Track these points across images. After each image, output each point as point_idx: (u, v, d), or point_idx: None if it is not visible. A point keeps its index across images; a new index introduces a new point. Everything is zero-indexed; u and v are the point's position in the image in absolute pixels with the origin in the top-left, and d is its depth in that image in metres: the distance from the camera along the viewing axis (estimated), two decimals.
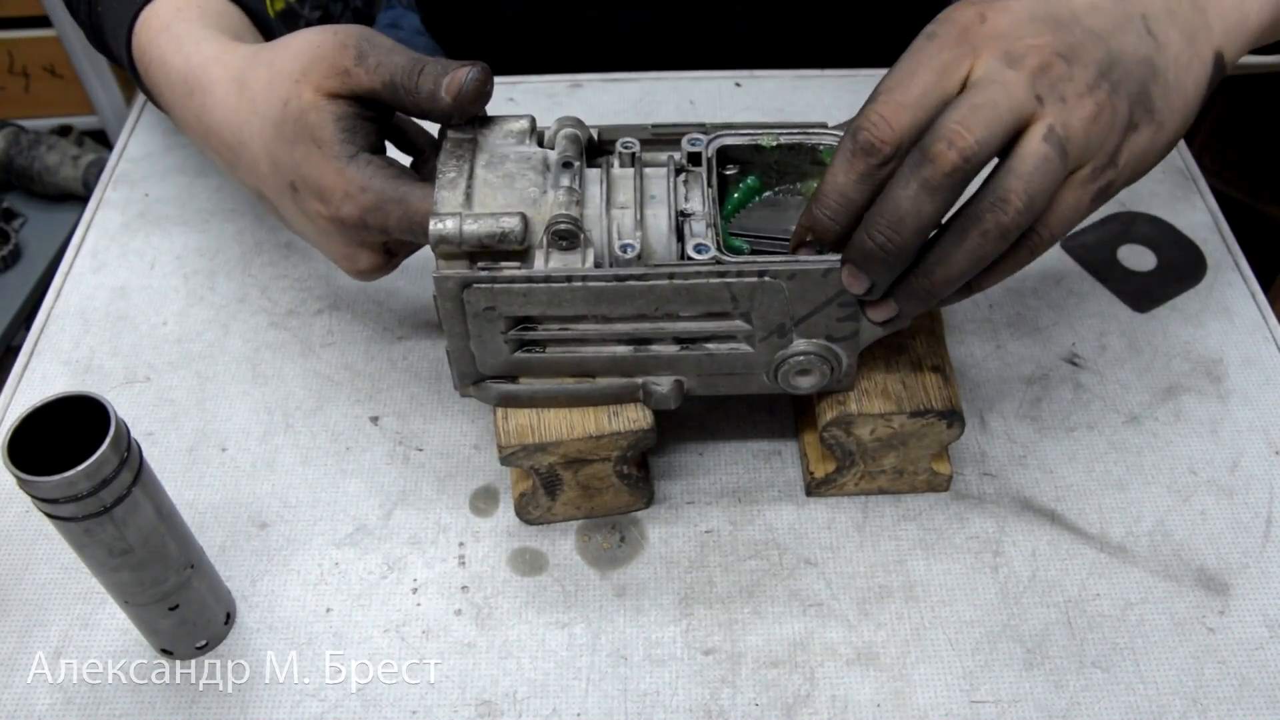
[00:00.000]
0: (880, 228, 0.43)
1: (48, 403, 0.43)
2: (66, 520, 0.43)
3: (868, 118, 0.44)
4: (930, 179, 0.42)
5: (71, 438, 0.43)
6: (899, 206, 0.43)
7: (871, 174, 0.44)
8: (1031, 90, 0.43)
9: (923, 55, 0.44)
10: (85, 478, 0.42)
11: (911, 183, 0.43)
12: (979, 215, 0.43)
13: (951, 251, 0.44)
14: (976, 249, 0.44)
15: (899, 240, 0.43)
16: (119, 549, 0.45)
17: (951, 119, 0.42)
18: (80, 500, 0.42)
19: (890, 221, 0.43)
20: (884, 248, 0.44)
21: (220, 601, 0.53)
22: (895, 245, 0.44)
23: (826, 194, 0.45)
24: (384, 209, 0.50)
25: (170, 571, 0.48)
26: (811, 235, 0.47)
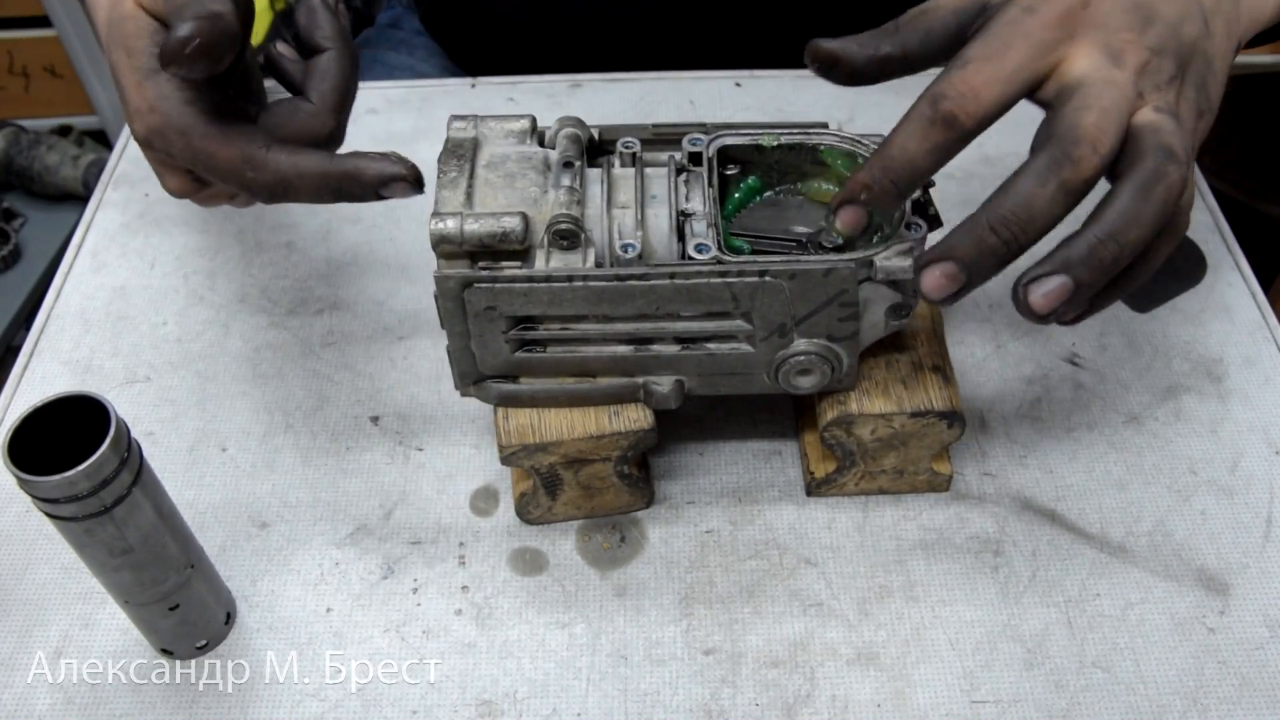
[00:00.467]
0: (1009, 224, 0.41)
1: (48, 403, 0.43)
2: (67, 520, 0.43)
3: (954, 85, 0.42)
4: (1071, 182, 0.41)
5: (72, 438, 0.43)
6: (1033, 205, 0.40)
7: (948, 147, 0.42)
8: (1135, 89, 0.42)
9: (1021, 28, 0.42)
10: (85, 478, 0.42)
11: (1050, 182, 0.40)
12: (1160, 171, 0.41)
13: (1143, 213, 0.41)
14: (1162, 206, 0.41)
15: (1025, 239, 0.41)
16: (119, 549, 0.45)
17: (1088, 121, 0.41)
18: (80, 500, 0.42)
19: (1022, 220, 0.41)
20: (1008, 244, 0.41)
21: (220, 601, 0.53)
22: (1020, 244, 0.41)
23: (893, 158, 0.43)
24: (166, 135, 0.47)
25: (170, 571, 0.48)
26: (866, 196, 0.44)
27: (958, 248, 0.42)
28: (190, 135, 0.47)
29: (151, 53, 0.48)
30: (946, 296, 0.42)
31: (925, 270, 0.42)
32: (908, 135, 0.43)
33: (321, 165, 0.47)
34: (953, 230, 0.42)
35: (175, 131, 0.47)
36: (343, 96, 0.51)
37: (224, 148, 0.47)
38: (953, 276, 0.42)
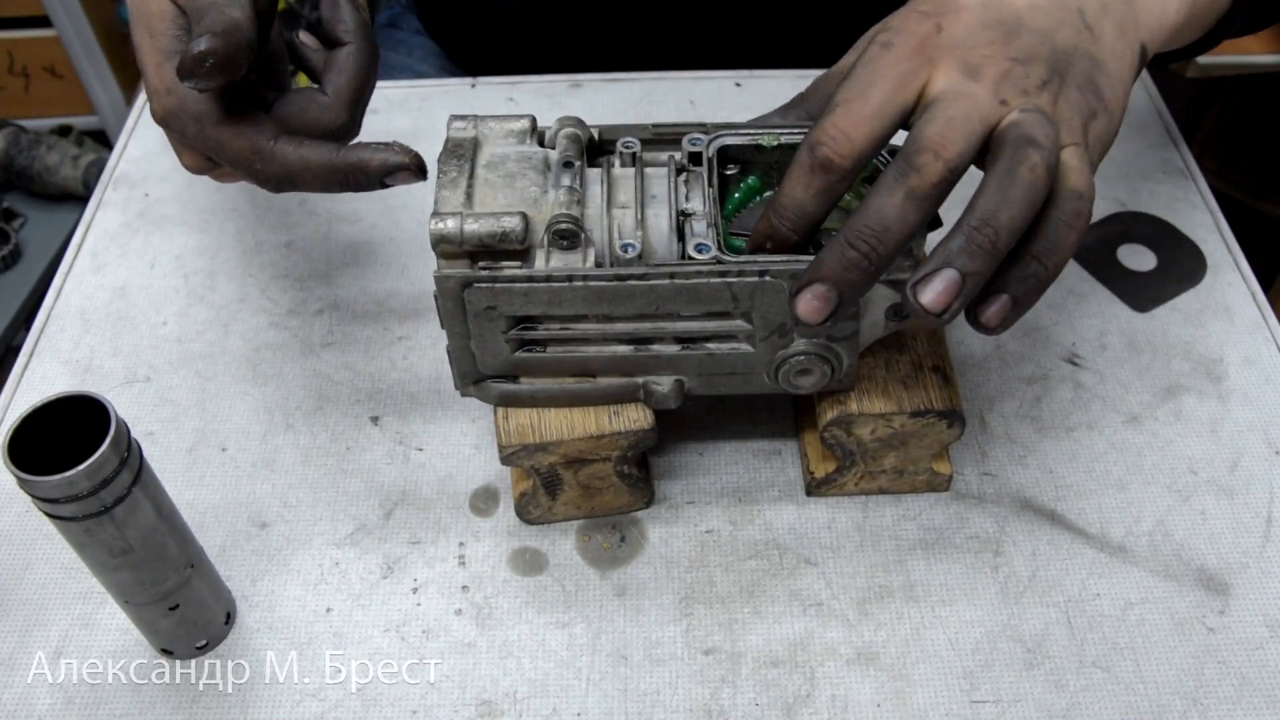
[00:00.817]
0: (865, 237, 0.42)
1: (48, 403, 0.43)
2: (67, 520, 0.43)
3: (825, 131, 0.44)
4: (917, 189, 0.42)
5: (72, 438, 0.43)
6: (885, 215, 0.42)
7: (830, 189, 0.44)
8: (996, 98, 0.44)
9: (879, 66, 0.44)
10: (85, 477, 0.42)
11: (897, 192, 0.42)
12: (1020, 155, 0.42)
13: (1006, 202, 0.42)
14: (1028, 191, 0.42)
15: (884, 249, 0.42)
16: (119, 549, 0.45)
17: (930, 130, 0.42)
18: (80, 500, 0.42)
19: (876, 231, 0.42)
20: (868, 256, 0.42)
21: (220, 601, 0.53)
22: (880, 254, 0.42)
23: (785, 207, 0.45)
24: (181, 118, 0.48)
25: (170, 571, 0.48)
26: (770, 244, 0.47)
27: (823, 267, 0.43)
28: (204, 122, 0.48)
29: (174, 35, 0.49)
30: (823, 319, 0.44)
31: (798, 297, 0.44)
32: (794, 183, 0.45)
33: (327, 157, 0.48)
34: (818, 254, 0.44)
35: (190, 116, 0.48)
36: (358, 91, 0.52)
37: (234, 138, 0.48)
38: (824, 297, 0.43)
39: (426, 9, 0.95)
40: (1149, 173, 0.74)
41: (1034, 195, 0.42)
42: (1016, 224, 0.42)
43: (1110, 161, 0.74)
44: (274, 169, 0.48)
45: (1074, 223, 0.43)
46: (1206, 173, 0.75)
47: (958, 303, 0.42)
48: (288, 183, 0.49)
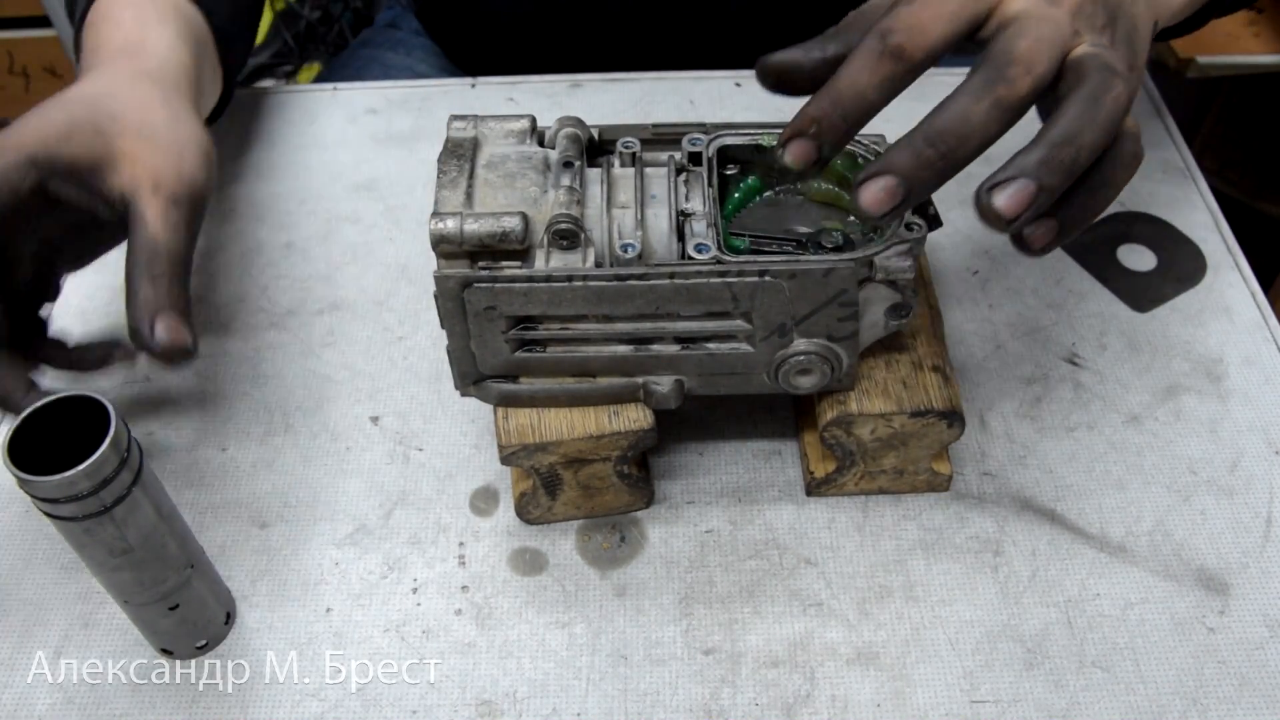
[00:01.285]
0: (946, 138, 0.42)
1: (48, 403, 0.43)
2: (66, 520, 0.43)
3: (900, 20, 0.43)
4: (1005, 99, 0.42)
5: (72, 438, 0.43)
6: (969, 121, 0.42)
7: (896, 80, 0.43)
8: (1072, 27, 0.44)
9: None
10: (85, 478, 0.42)
11: (985, 99, 0.42)
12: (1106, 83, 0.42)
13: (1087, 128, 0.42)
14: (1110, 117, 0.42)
15: (961, 154, 0.42)
16: (119, 549, 0.45)
17: (1022, 45, 0.42)
18: (80, 500, 0.42)
19: (959, 135, 0.42)
20: (945, 158, 0.42)
21: (220, 601, 0.53)
22: (956, 159, 0.42)
23: (843, 91, 0.43)
24: None
25: (170, 571, 0.48)
26: (815, 130, 0.44)
27: (897, 163, 0.42)
28: None
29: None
30: (886, 212, 0.43)
31: (864, 186, 0.42)
32: (858, 69, 0.43)
33: None
34: (888, 148, 0.43)
35: None
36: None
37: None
38: (892, 191, 0.42)
39: (426, 9, 0.95)
40: (1149, 173, 0.74)
41: (1113, 124, 0.42)
42: (1095, 148, 0.42)
43: None
44: None
45: (1130, 164, 0.44)
46: (1206, 173, 0.75)
47: (1029, 213, 0.42)
48: None
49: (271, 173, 0.75)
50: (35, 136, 0.50)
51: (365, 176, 0.75)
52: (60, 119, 0.50)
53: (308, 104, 0.80)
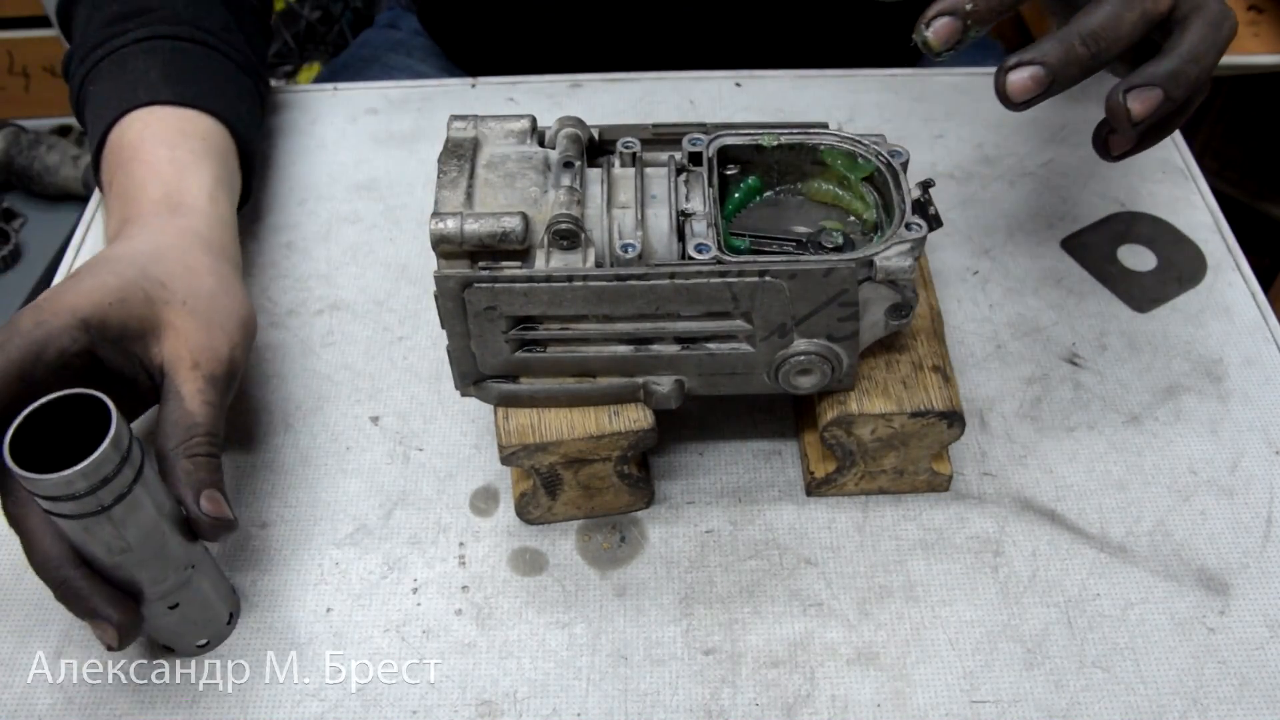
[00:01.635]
0: (1098, 38, 0.47)
1: (50, 401, 0.43)
2: (66, 518, 0.44)
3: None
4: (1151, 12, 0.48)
5: (75, 435, 0.43)
6: (1119, 26, 0.47)
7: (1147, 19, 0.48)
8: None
9: None
10: (83, 478, 0.42)
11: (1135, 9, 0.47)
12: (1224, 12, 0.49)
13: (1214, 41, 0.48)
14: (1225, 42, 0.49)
15: (1105, 56, 0.47)
16: (117, 548, 0.45)
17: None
18: (78, 499, 0.42)
19: (1109, 38, 0.47)
20: (1095, 56, 0.47)
21: (224, 600, 0.53)
22: (1101, 58, 0.47)
23: (1099, 29, 0.47)
24: None
25: (170, 571, 0.48)
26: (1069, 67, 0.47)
27: (1049, 55, 0.47)
28: None
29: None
30: (1026, 100, 0.47)
31: (1012, 71, 0.47)
32: (1114, 6, 0.47)
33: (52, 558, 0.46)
34: (1039, 42, 0.47)
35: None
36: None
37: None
38: (1038, 79, 0.47)
39: (426, 9, 0.95)
40: (1149, 173, 0.74)
41: (1223, 50, 0.49)
42: (1211, 69, 0.48)
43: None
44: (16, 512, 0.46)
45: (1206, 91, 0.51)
46: (1206, 173, 0.75)
47: (1152, 118, 0.48)
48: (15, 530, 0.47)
49: (271, 172, 0.75)
50: (88, 300, 0.49)
51: (365, 176, 0.75)
52: (113, 284, 0.50)
53: (308, 104, 0.80)
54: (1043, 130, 0.76)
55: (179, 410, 0.50)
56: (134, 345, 0.51)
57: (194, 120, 0.62)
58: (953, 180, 0.73)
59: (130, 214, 0.57)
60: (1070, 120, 0.77)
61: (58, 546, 0.46)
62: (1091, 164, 0.74)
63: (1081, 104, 0.76)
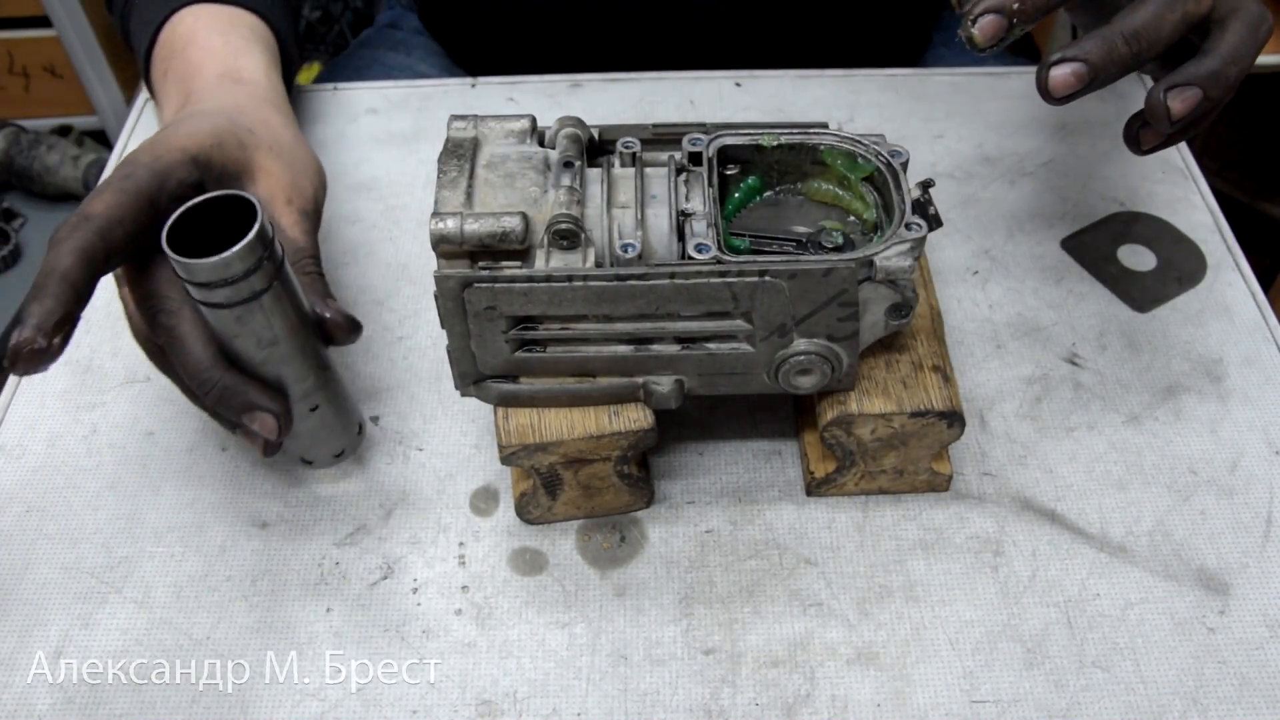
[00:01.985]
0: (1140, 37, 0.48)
1: (198, 202, 0.46)
2: (220, 307, 0.46)
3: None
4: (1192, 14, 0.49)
5: (216, 241, 0.45)
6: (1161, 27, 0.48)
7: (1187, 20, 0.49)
8: None
9: None
10: (239, 259, 0.45)
11: (1176, 11, 0.48)
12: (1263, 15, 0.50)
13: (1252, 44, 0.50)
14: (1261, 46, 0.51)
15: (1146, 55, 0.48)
16: (267, 339, 0.48)
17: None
18: (233, 284, 0.45)
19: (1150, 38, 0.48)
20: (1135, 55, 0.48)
21: (353, 409, 0.55)
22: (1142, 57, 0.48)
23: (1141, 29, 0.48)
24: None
25: (310, 369, 0.50)
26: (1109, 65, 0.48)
27: (1092, 53, 0.47)
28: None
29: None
30: (1068, 95, 0.48)
31: (1055, 68, 0.48)
32: (1156, 8, 0.48)
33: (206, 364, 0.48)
34: (1082, 39, 0.48)
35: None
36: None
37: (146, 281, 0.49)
38: (1080, 76, 0.48)
39: (426, 8, 0.95)
40: (1149, 173, 0.74)
41: (1259, 51, 0.50)
42: (1248, 70, 0.50)
43: (1110, 161, 0.74)
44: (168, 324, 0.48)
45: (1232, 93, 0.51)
46: (1206, 173, 0.75)
47: (1188, 117, 0.49)
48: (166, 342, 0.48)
49: None
50: (192, 140, 0.52)
51: (365, 176, 0.75)
52: (208, 128, 0.53)
53: (308, 104, 0.80)
54: (1043, 130, 0.76)
55: (282, 237, 0.53)
56: (232, 185, 0.53)
57: (239, 14, 0.66)
58: (953, 180, 0.73)
59: (193, 88, 0.60)
60: (1070, 120, 0.77)
61: (210, 350, 0.48)
62: (1091, 164, 0.74)
63: (1082, 104, 0.76)
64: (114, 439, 0.61)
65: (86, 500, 0.58)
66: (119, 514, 0.58)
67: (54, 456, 0.60)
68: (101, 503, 0.58)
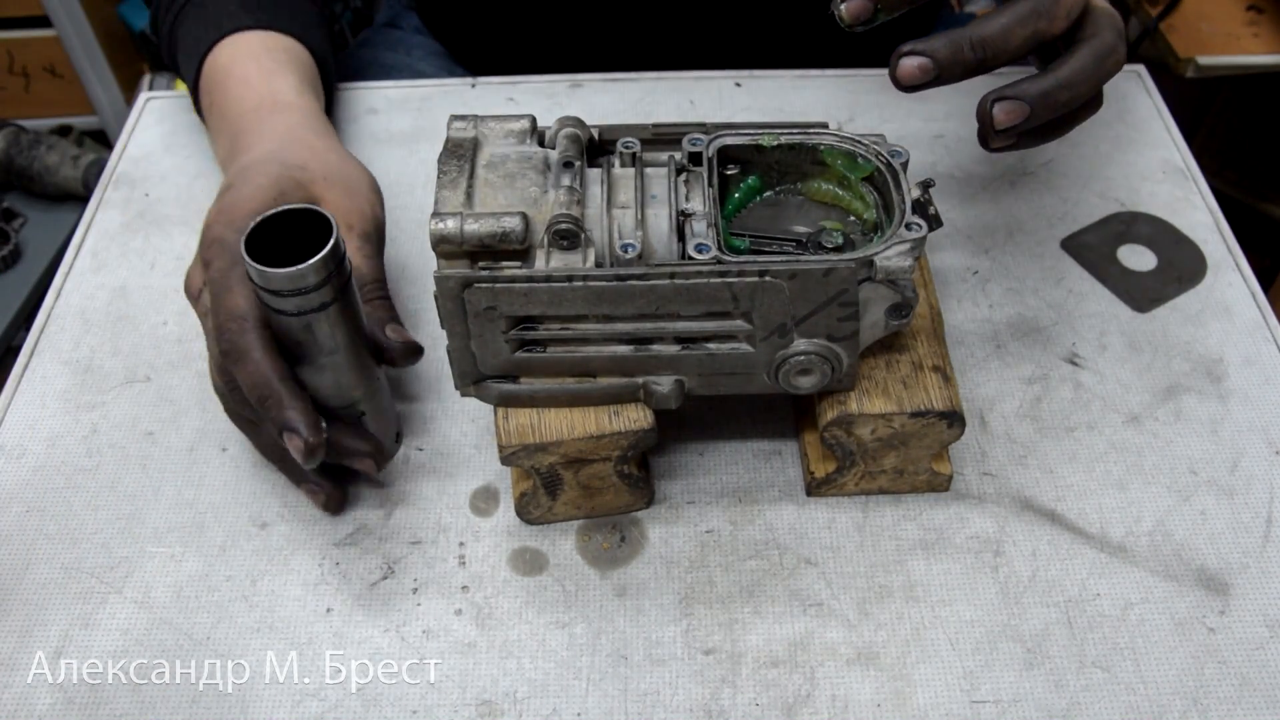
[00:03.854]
0: (987, 46, 0.49)
1: (275, 214, 0.48)
2: (291, 316, 0.48)
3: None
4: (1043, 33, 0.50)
5: (291, 248, 0.48)
6: (1010, 40, 0.50)
7: (1038, 37, 0.50)
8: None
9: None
10: (313, 271, 0.47)
11: (1028, 28, 0.50)
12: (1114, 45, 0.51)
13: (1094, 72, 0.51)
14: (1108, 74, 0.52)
15: (991, 64, 0.50)
16: (329, 347, 0.50)
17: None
18: (305, 294, 0.47)
19: (997, 47, 0.49)
20: (980, 63, 0.49)
21: (393, 417, 0.57)
22: (986, 66, 0.50)
23: (990, 37, 0.49)
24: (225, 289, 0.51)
25: (363, 378, 0.52)
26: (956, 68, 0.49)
27: (939, 51, 0.49)
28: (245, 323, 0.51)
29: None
30: (912, 86, 0.50)
31: (904, 59, 0.49)
32: (1010, 19, 0.50)
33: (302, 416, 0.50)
34: (935, 36, 0.49)
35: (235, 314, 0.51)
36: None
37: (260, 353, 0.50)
38: (926, 69, 0.49)
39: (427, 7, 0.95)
40: (1149, 173, 0.74)
41: (1105, 81, 0.52)
42: (1084, 100, 0.51)
43: (1110, 161, 0.74)
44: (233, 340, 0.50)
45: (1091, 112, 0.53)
46: (1206, 173, 0.75)
47: (1014, 128, 0.50)
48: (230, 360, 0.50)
49: None
50: (259, 201, 0.54)
51: None
52: (268, 182, 0.55)
53: None
54: None
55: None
56: None
57: (274, 39, 0.68)
58: (953, 180, 0.73)
59: (238, 128, 0.63)
60: None
61: (271, 359, 0.50)
62: (1092, 164, 0.74)
63: None
64: (114, 439, 0.61)
65: (86, 500, 0.58)
66: (119, 514, 0.57)
67: (54, 456, 0.60)
68: (101, 503, 0.58)
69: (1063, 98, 0.50)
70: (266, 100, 0.64)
